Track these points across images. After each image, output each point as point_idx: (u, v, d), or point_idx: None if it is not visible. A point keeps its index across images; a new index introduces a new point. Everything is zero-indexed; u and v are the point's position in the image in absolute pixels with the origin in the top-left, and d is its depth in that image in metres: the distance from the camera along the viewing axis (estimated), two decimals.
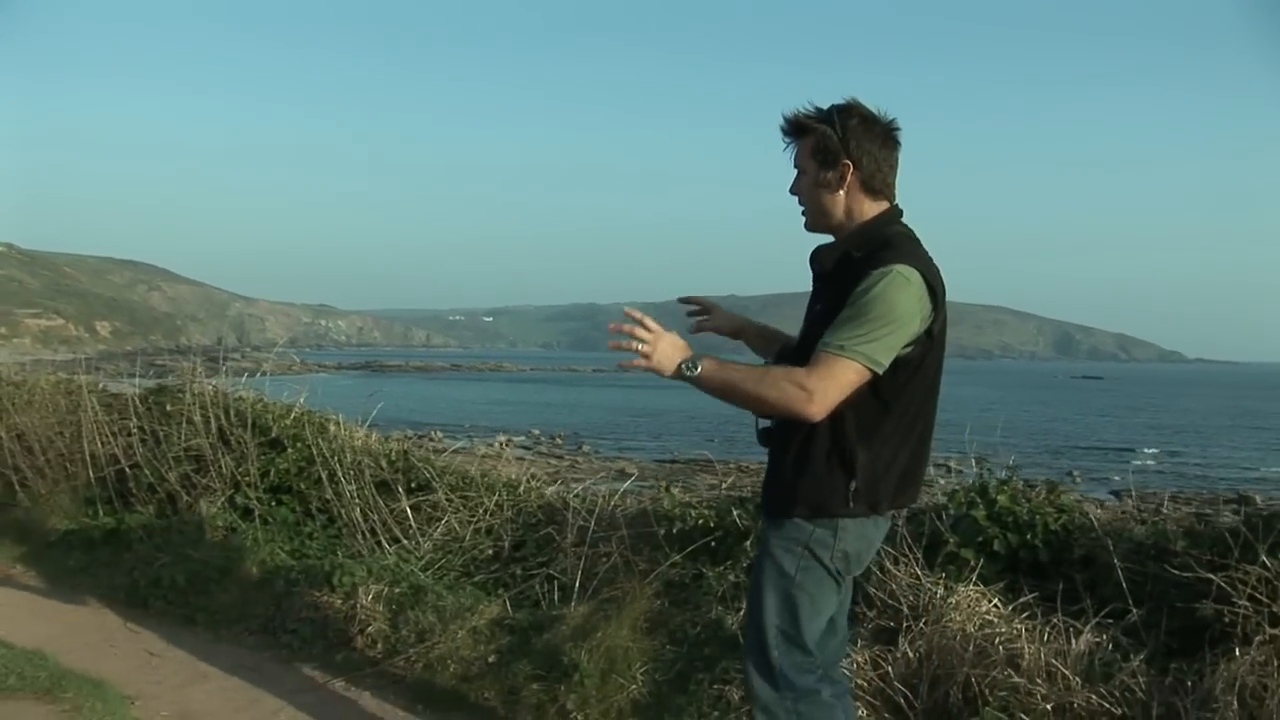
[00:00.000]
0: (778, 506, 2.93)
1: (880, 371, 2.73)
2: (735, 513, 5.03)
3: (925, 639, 4.08)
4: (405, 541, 5.75)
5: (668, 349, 2.70)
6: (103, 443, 7.57)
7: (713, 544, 5.00)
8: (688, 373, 2.70)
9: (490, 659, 4.67)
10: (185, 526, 6.37)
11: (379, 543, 5.79)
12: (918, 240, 2.95)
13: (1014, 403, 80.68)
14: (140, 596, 5.97)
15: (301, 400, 7.43)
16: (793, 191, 3.01)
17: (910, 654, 4.08)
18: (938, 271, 2.86)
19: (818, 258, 3.00)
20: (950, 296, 2.94)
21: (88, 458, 7.44)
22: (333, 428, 6.93)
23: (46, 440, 7.97)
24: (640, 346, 2.66)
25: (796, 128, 2.97)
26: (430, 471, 6.13)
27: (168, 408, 7.58)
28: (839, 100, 2.94)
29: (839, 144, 2.89)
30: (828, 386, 2.69)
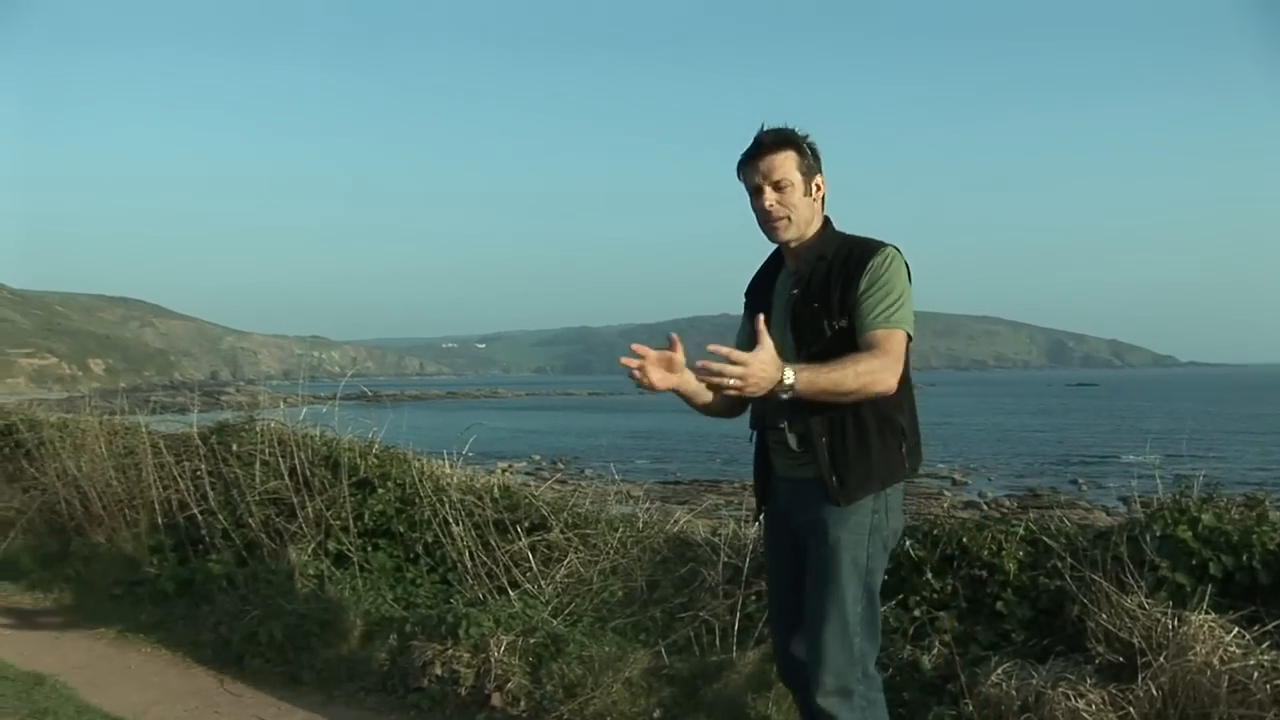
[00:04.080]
0: (856, 489, 3.02)
1: (912, 336, 3.03)
2: (907, 542, 4.58)
3: (1168, 675, 3.66)
4: (526, 585, 5.28)
5: (760, 371, 2.67)
6: (165, 486, 7.11)
7: (885, 578, 4.55)
8: (785, 389, 2.74)
9: (656, 714, 4.24)
10: (272, 576, 5.89)
11: (498, 588, 5.32)
12: None
13: (1014, 413, 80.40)
14: (233, 654, 5.52)
15: (376, 436, 6.98)
16: (773, 205, 3.11)
17: (1154, 691, 3.66)
18: None
19: (796, 270, 3.19)
20: (943, 308, 2.96)
21: (155, 503, 6.97)
22: (418, 464, 6.48)
23: (103, 485, 7.51)
24: (731, 382, 2.64)
25: (785, 141, 3.12)
26: (545, 508, 5.67)
27: (234, 447, 7.10)
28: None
29: (816, 160, 3.16)
30: (898, 358, 2.94)
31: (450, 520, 5.63)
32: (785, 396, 2.76)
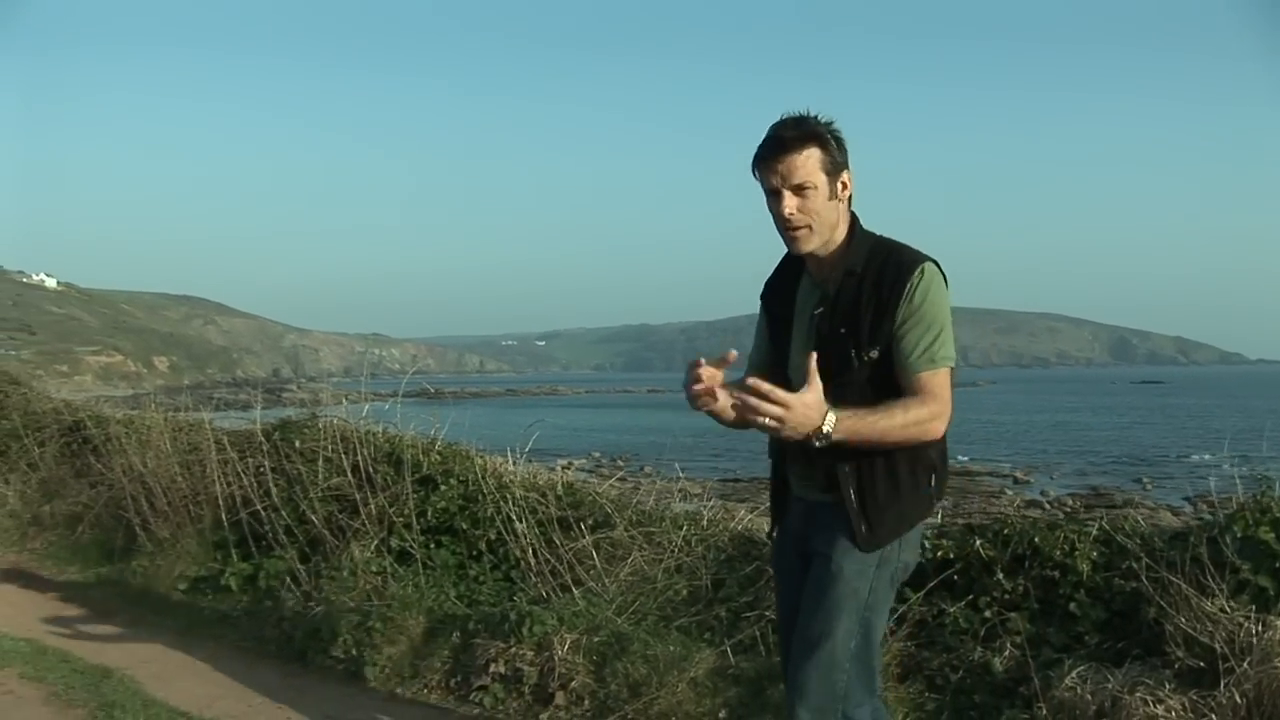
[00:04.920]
0: (887, 536, 2.84)
1: (955, 367, 2.81)
2: (977, 542, 4.50)
3: (1252, 682, 3.55)
4: (590, 583, 5.25)
5: (801, 415, 2.50)
6: (229, 483, 7.14)
7: (954, 578, 4.48)
8: (822, 437, 2.57)
9: (721, 714, 4.19)
10: (335, 572, 5.91)
11: (561, 585, 5.29)
12: None
13: (1077, 410, 79.58)
14: (296, 650, 5.54)
15: (439, 433, 6.97)
16: (793, 213, 2.79)
17: (1237, 698, 3.55)
18: None
19: (821, 283, 2.91)
20: (1004, 305, 2.68)
21: (219, 500, 7.00)
22: (481, 461, 6.46)
23: (168, 481, 7.57)
24: (767, 422, 2.47)
25: (809, 135, 2.78)
26: (608, 506, 5.64)
27: (297, 444, 7.12)
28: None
29: (843, 152, 2.83)
30: (946, 401, 2.75)
31: (513, 517, 5.62)
32: (819, 444, 2.57)
